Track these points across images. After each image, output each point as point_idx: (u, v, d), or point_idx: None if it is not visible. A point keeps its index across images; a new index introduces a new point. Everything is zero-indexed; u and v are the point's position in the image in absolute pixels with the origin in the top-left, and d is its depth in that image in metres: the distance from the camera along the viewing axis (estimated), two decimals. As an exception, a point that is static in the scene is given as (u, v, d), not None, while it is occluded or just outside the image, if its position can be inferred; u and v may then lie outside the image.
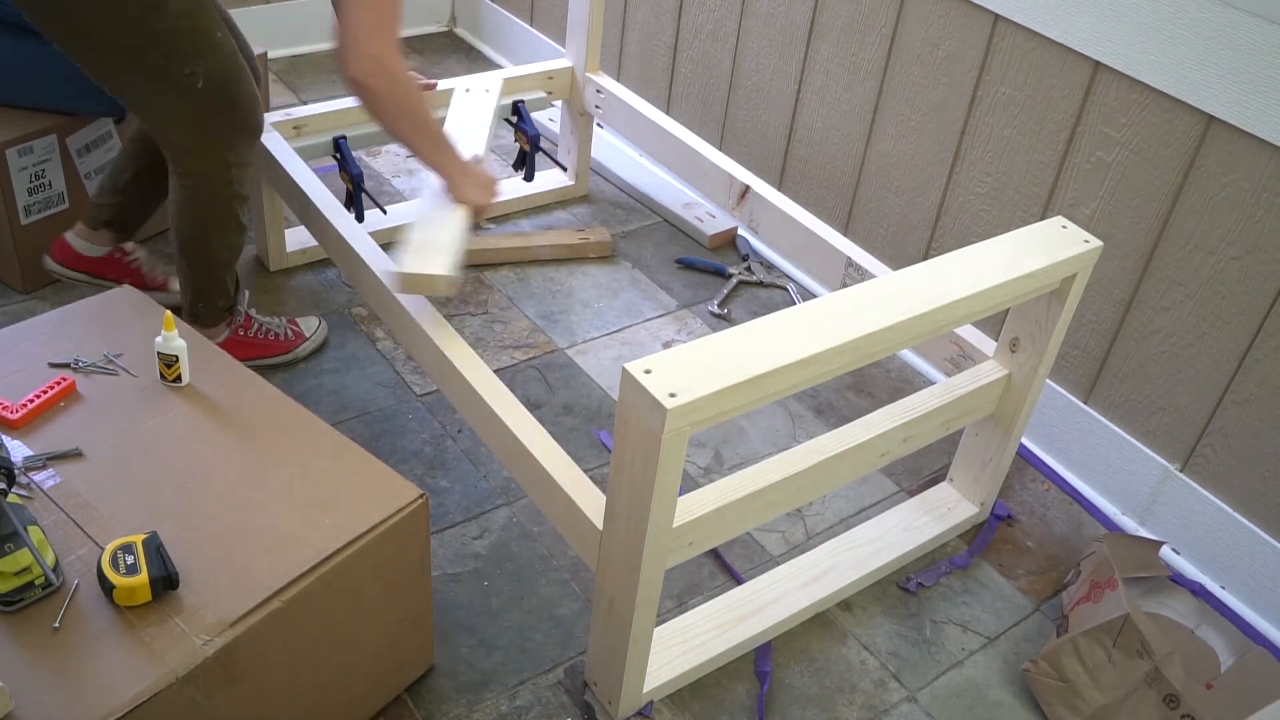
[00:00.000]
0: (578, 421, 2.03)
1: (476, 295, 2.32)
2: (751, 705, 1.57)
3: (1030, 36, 1.87)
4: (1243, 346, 1.73)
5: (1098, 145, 1.83)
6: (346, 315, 2.21)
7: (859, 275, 1.95)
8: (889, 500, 1.95)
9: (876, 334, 1.34)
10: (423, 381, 2.06)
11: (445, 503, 1.82)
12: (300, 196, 1.99)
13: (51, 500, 1.27)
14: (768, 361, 1.25)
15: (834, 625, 1.71)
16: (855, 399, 2.16)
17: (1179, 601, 1.81)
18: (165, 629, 1.15)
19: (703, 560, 1.79)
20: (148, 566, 1.16)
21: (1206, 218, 1.72)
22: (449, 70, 3.22)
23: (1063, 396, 2.02)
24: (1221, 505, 1.82)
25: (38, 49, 1.97)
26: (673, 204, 2.64)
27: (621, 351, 2.21)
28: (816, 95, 2.32)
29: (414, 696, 1.52)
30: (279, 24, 3.14)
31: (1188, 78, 1.66)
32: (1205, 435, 1.82)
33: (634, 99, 2.44)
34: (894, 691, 1.62)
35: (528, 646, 1.61)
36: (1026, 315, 1.66)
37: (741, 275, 2.45)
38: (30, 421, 1.37)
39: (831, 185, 2.37)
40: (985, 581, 1.81)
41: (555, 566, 1.74)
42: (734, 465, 1.98)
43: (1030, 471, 2.05)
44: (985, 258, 1.50)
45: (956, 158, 2.07)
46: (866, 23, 2.15)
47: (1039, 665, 1.59)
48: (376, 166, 2.71)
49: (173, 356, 1.43)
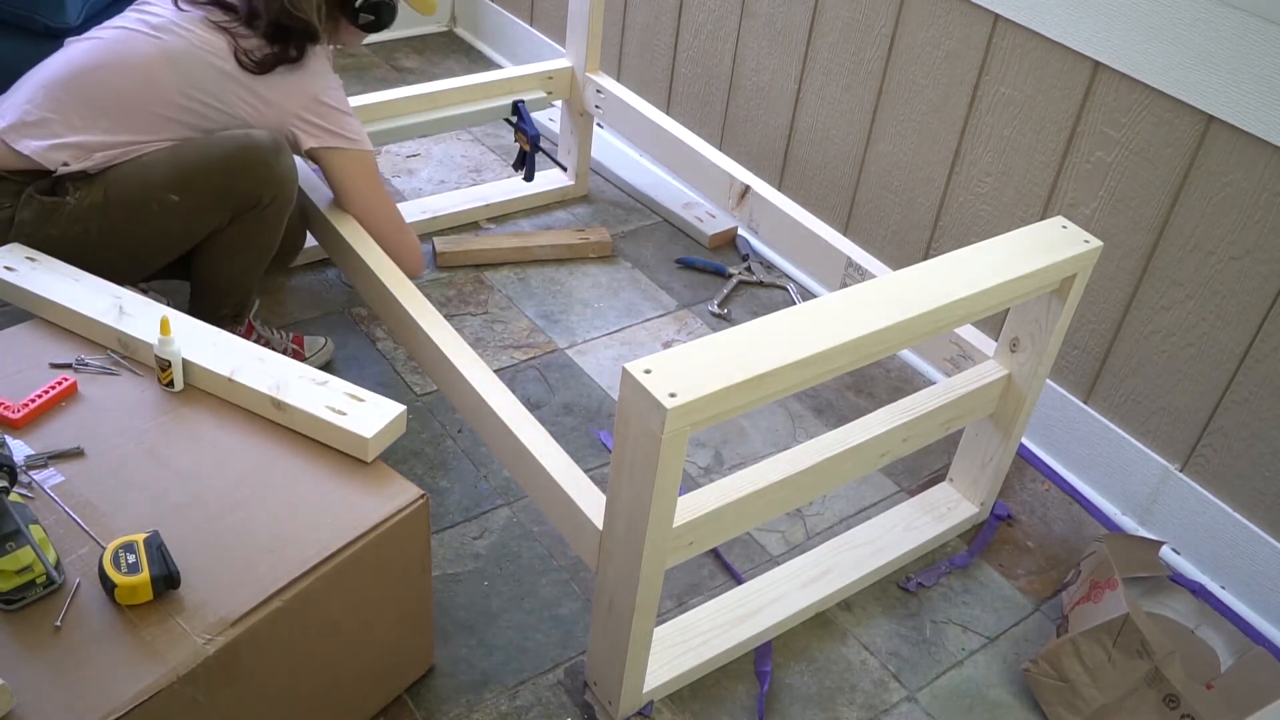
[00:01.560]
0: (578, 421, 2.03)
1: (476, 295, 2.32)
2: (751, 705, 1.57)
3: (1030, 36, 1.87)
4: (1243, 346, 1.73)
5: (1098, 145, 1.83)
6: (346, 315, 2.22)
7: (859, 275, 1.95)
8: (889, 500, 1.95)
9: (876, 334, 1.34)
10: (423, 381, 2.06)
11: (445, 503, 1.82)
12: (300, 197, 1.99)
13: (53, 499, 1.27)
14: (768, 361, 1.25)
15: (834, 625, 1.71)
16: (855, 399, 2.16)
17: (1179, 601, 1.81)
18: (166, 628, 1.15)
19: (703, 560, 1.79)
20: (149, 565, 1.16)
21: (1206, 218, 1.72)
22: (449, 70, 3.22)
23: (1063, 396, 2.02)
24: (1221, 505, 1.82)
25: (38, 49, 1.97)
26: (673, 204, 2.64)
27: (621, 351, 2.21)
28: (816, 95, 2.32)
29: (414, 696, 1.52)
30: (279, 24, 3.13)
31: (1188, 78, 1.66)
32: (1205, 435, 1.82)
33: (634, 99, 2.44)
34: (894, 691, 1.62)
35: (528, 646, 1.61)
36: (1026, 315, 1.66)
37: (741, 275, 2.46)
38: (32, 421, 1.37)
39: (831, 185, 2.37)
40: (985, 581, 1.81)
41: (555, 566, 1.74)
42: (734, 465, 1.98)
43: (1030, 471, 2.05)
44: (985, 258, 1.50)
45: (956, 158, 2.08)
46: (866, 23, 2.16)
47: (1039, 665, 1.60)
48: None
49: (166, 361, 1.43)
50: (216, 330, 1.51)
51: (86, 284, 1.57)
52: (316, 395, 1.41)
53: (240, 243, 1.76)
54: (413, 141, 2.80)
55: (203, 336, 1.50)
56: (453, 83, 2.37)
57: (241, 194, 1.70)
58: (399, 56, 3.29)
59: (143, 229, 1.70)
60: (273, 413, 1.42)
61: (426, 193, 2.63)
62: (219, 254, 1.77)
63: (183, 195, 1.68)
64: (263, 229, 1.76)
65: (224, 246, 1.75)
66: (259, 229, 1.75)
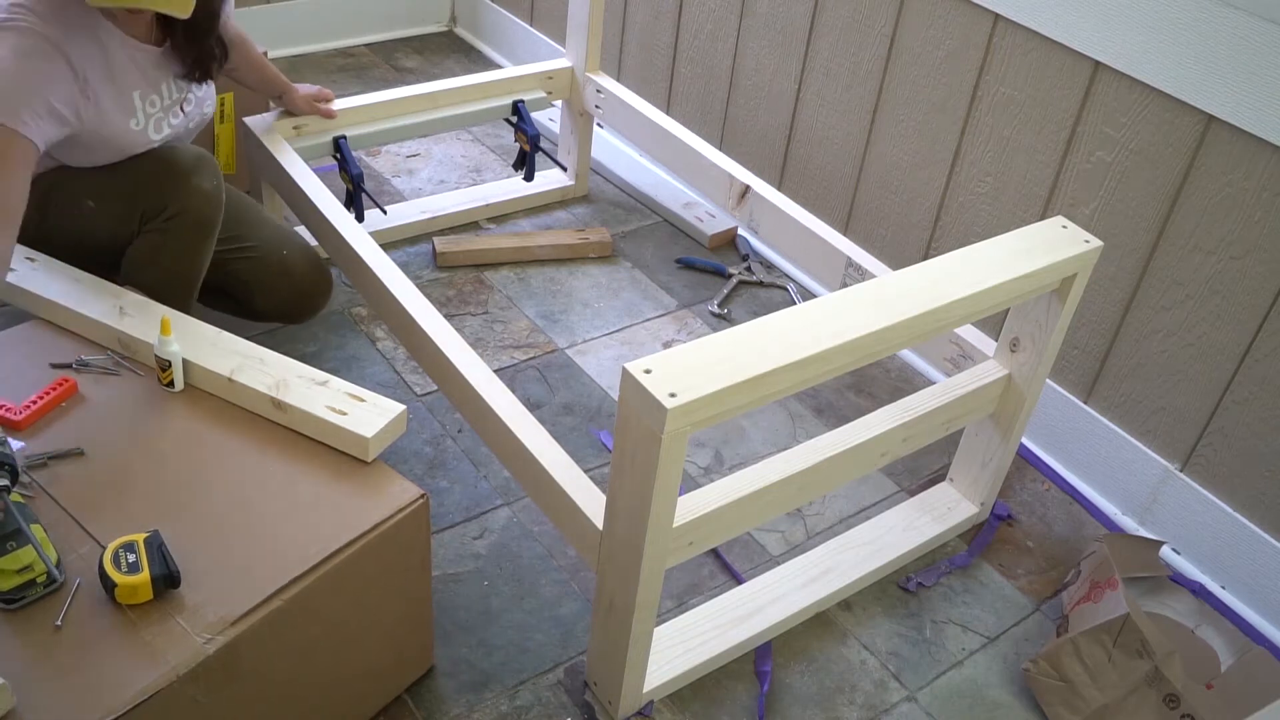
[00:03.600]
0: (578, 421, 2.03)
1: (476, 295, 2.32)
2: (751, 705, 1.57)
3: (1030, 36, 1.87)
4: (1243, 346, 1.73)
5: (1098, 145, 1.83)
6: (346, 315, 2.22)
7: (859, 275, 1.95)
8: (889, 500, 1.95)
9: (876, 334, 1.34)
10: (423, 381, 2.06)
11: (445, 503, 1.82)
12: (300, 196, 1.99)
13: (54, 499, 1.27)
14: (768, 361, 1.25)
15: (834, 625, 1.71)
16: (855, 399, 2.16)
17: (1179, 601, 1.81)
18: (167, 627, 1.15)
19: (703, 560, 1.79)
20: (149, 565, 1.16)
21: (1206, 218, 1.72)
22: (449, 70, 3.22)
23: (1063, 396, 2.02)
24: (1221, 505, 1.82)
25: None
26: (673, 204, 2.64)
27: (621, 351, 2.21)
28: (816, 95, 2.32)
29: (414, 696, 1.52)
30: (279, 24, 3.14)
31: (1188, 78, 1.66)
32: (1205, 435, 1.82)
33: (634, 99, 2.44)
34: (894, 691, 1.62)
35: (528, 646, 1.61)
36: (1026, 315, 1.66)
37: (741, 275, 2.46)
38: (34, 423, 1.37)
39: (831, 185, 2.37)
40: (985, 581, 1.81)
41: (555, 566, 1.74)
42: (734, 465, 1.98)
43: (1030, 471, 2.05)
44: (985, 258, 1.50)
45: (956, 158, 2.08)
46: (866, 23, 2.16)
47: (1039, 665, 1.60)
48: (376, 166, 2.71)
49: (167, 361, 1.43)
50: (216, 331, 1.51)
51: (86, 284, 1.57)
52: (317, 395, 1.41)
53: (148, 255, 1.73)
54: (413, 141, 2.80)
55: (203, 337, 1.50)
56: (453, 83, 2.37)
57: (148, 201, 1.69)
58: (399, 56, 3.29)
59: (72, 233, 1.71)
60: (273, 413, 1.42)
61: (426, 193, 2.63)
62: (132, 265, 1.74)
63: (98, 201, 1.70)
64: (168, 242, 1.71)
65: (135, 258, 1.73)
66: (164, 241, 1.71)
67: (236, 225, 1.89)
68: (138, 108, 1.68)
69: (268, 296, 1.94)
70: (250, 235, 1.90)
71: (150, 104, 1.70)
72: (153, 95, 1.70)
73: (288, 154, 2.07)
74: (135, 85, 1.67)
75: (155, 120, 1.72)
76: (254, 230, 1.92)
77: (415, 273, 2.36)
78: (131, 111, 1.68)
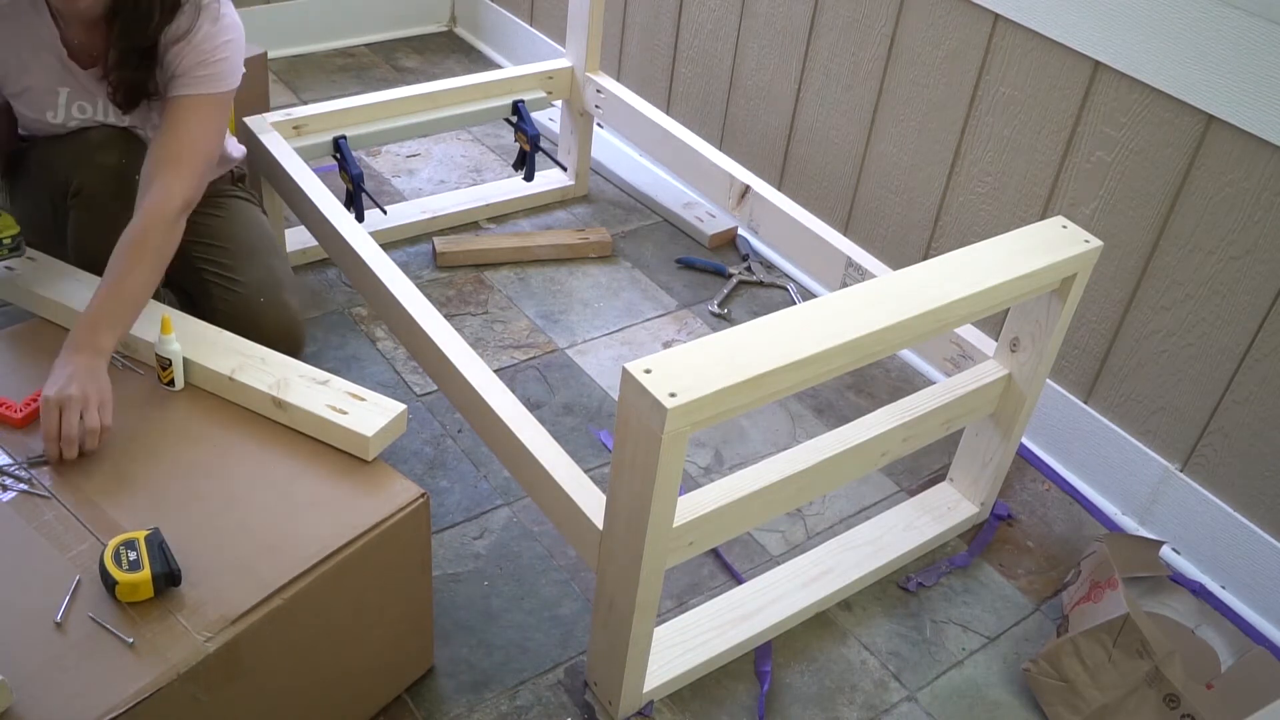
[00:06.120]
0: (578, 421, 2.03)
1: (476, 295, 2.32)
2: (751, 705, 1.57)
3: (1030, 36, 1.87)
4: (1243, 346, 1.73)
5: (1098, 145, 1.83)
6: (346, 315, 2.22)
7: (859, 275, 1.95)
8: (889, 500, 1.95)
9: (876, 334, 1.34)
10: (423, 381, 2.06)
11: (445, 503, 1.82)
12: (300, 196, 1.99)
13: (54, 496, 1.28)
14: (768, 361, 1.25)
15: (834, 625, 1.71)
16: (855, 399, 2.16)
17: (1179, 601, 1.81)
18: (167, 625, 1.15)
19: (703, 560, 1.79)
20: (150, 562, 1.16)
21: (1206, 218, 1.72)
22: (449, 70, 3.22)
23: (1063, 396, 2.02)
24: (1221, 505, 1.82)
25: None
26: (673, 204, 2.64)
27: (621, 351, 2.21)
28: (816, 95, 2.32)
29: (414, 696, 1.52)
30: (279, 24, 3.14)
31: (1188, 78, 1.66)
32: (1205, 435, 1.82)
33: (634, 99, 2.44)
34: (894, 691, 1.62)
35: (528, 646, 1.61)
36: (1026, 315, 1.66)
37: (741, 275, 2.46)
38: (34, 421, 1.37)
39: (831, 185, 2.37)
40: (985, 581, 1.81)
41: (555, 566, 1.74)
42: (734, 465, 1.98)
43: (1030, 471, 2.05)
44: (985, 258, 1.50)
45: (956, 158, 2.08)
46: (866, 23, 2.16)
47: (1039, 665, 1.60)
48: (376, 166, 2.71)
49: (167, 360, 1.43)
50: (217, 330, 1.51)
51: (87, 284, 1.57)
52: (317, 394, 1.41)
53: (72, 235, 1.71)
54: (413, 141, 2.80)
55: (203, 335, 1.50)
56: (453, 83, 2.37)
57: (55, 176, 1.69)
58: (399, 56, 3.29)
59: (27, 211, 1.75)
60: (273, 411, 1.42)
61: (426, 193, 2.63)
62: (69, 247, 1.73)
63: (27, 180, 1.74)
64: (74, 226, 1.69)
65: (69, 240, 1.72)
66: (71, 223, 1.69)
67: (235, 255, 1.81)
68: (61, 105, 1.69)
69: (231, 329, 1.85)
70: (243, 271, 1.80)
71: (80, 109, 1.70)
72: (83, 103, 1.70)
73: (288, 154, 2.07)
74: (65, 85, 1.68)
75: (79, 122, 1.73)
76: (247, 267, 1.81)
77: (415, 273, 2.36)
78: (54, 105, 1.69)
